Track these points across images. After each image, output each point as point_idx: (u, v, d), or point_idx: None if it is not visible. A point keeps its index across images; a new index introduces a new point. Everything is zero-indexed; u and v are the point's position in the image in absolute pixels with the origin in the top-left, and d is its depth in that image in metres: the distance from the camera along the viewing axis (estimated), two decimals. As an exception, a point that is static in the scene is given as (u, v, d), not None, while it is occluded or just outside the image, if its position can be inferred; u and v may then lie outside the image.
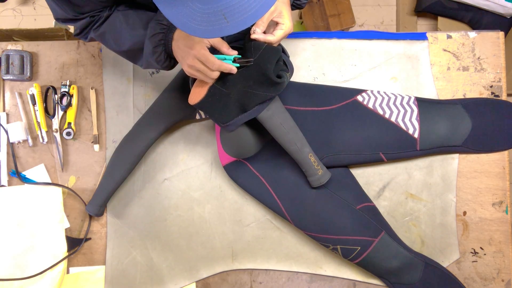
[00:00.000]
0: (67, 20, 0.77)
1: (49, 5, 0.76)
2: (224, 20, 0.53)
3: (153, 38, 0.74)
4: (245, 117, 0.79)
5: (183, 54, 0.72)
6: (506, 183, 0.96)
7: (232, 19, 0.53)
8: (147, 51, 0.75)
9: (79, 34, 0.81)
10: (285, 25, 0.75)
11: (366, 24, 1.98)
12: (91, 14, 0.77)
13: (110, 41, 0.79)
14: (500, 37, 0.99)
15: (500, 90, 0.98)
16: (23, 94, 1.02)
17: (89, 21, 0.78)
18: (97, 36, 0.80)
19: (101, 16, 0.78)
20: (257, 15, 0.54)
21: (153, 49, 0.74)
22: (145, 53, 0.76)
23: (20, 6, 2.00)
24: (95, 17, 0.78)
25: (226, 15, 0.53)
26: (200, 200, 0.99)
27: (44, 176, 1.00)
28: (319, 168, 0.87)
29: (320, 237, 0.90)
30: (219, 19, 0.53)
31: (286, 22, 0.75)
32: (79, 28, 0.79)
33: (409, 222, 0.97)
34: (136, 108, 1.01)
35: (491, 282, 0.95)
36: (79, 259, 0.99)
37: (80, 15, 0.76)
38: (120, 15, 0.77)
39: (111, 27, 0.77)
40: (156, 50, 0.74)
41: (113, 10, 0.78)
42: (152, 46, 0.74)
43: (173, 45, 0.74)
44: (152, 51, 0.75)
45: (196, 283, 0.98)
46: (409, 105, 0.94)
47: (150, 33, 0.74)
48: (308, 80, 1.00)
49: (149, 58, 0.76)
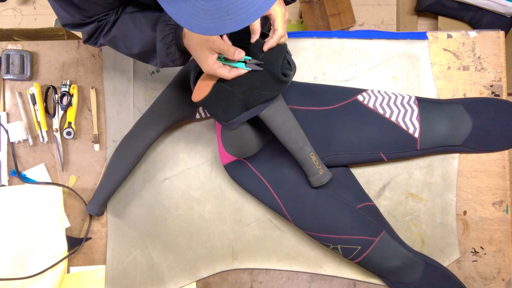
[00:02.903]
0: (74, 25, 0.77)
1: (55, 10, 0.76)
2: (227, 17, 0.53)
3: (164, 40, 0.74)
4: (248, 115, 0.79)
5: (197, 49, 0.72)
6: (506, 183, 0.96)
7: (235, 16, 0.53)
8: (161, 54, 0.76)
9: (88, 40, 0.81)
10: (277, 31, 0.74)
11: (367, 24, 1.98)
12: (98, 18, 0.77)
13: (121, 46, 0.79)
14: (501, 37, 0.99)
15: (500, 90, 0.98)
16: (23, 93, 1.02)
17: (96, 26, 0.77)
18: (107, 42, 0.80)
19: (108, 21, 0.77)
20: (261, 11, 0.54)
21: (166, 50, 0.75)
22: (159, 55, 0.76)
23: (20, 5, 2.00)
24: (102, 22, 0.77)
25: (230, 12, 0.53)
26: (200, 200, 0.99)
27: (44, 175, 1.00)
28: (320, 168, 0.87)
29: (321, 237, 0.90)
30: (222, 16, 0.53)
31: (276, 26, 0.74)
32: (87, 33, 0.79)
33: (409, 221, 0.97)
34: (136, 108, 1.01)
35: (491, 281, 0.95)
36: (80, 258, 0.99)
37: (86, 19, 0.76)
38: (128, 18, 0.77)
39: (120, 31, 0.77)
40: (170, 51, 0.75)
41: (119, 14, 0.78)
42: (164, 48, 0.74)
43: (185, 42, 0.74)
44: (166, 53, 0.75)
45: (197, 282, 0.98)
46: (410, 105, 0.94)
47: (160, 35, 0.74)
48: (308, 79, 1.00)
49: (164, 59, 0.76)
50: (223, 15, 0.53)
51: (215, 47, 0.70)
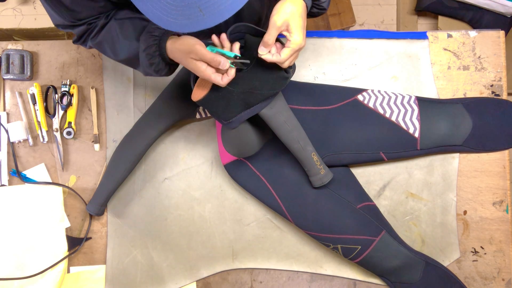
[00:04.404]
0: (65, 26, 0.77)
1: (47, 11, 0.75)
2: (200, 13, 0.52)
3: (146, 50, 0.73)
4: (248, 114, 0.79)
5: (183, 61, 0.70)
6: (506, 182, 0.96)
7: (208, 11, 0.52)
8: (143, 64, 0.75)
9: (77, 41, 0.81)
10: (292, 41, 0.69)
11: (367, 23, 1.98)
12: (89, 21, 0.76)
13: (107, 51, 0.79)
14: (501, 36, 0.99)
15: (500, 89, 0.98)
16: (23, 93, 1.02)
17: (85, 29, 0.77)
18: (95, 45, 0.79)
19: (97, 24, 0.77)
20: (234, 7, 0.53)
21: (148, 61, 0.73)
22: (142, 66, 0.75)
23: (20, 5, 2.00)
24: (92, 25, 0.77)
25: (202, 8, 0.52)
26: (200, 200, 0.99)
27: (44, 175, 1.00)
28: (321, 168, 0.87)
29: (321, 236, 0.90)
30: (194, 12, 0.52)
31: (293, 37, 0.69)
32: (77, 34, 0.79)
33: (409, 221, 0.97)
34: (136, 108, 1.01)
35: (491, 281, 0.95)
36: (80, 258, 0.99)
37: (77, 21, 0.75)
38: (116, 24, 0.76)
39: (107, 36, 0.77)
40: (153, 61, 0.73)
41: (109, 19, 0.78)
42: (147, 59, 0.73)
43: (169, 53, 0.72)
44: (149, 63, 0.74)
45: (197, 282, 0.98)
46: (410, 105, 0.94)
47: (143, 46, 0.73)
48: (308, 79, 1.00)
49: (147, 70, 0.75)
50: (195, 11, 0.52)
51: (198, 58, 0.68)
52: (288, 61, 0.71)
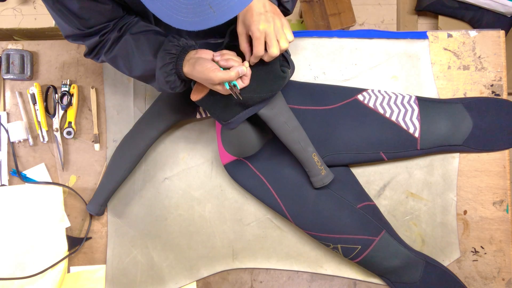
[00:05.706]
0: (76, 37, 0.76)
1: (56, 21, 0.75)
2: (210, 10, 0.52)
3: (163, 68, 0.73)
4: (247, 114, 0.80)
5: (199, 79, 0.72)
6: (506, 182, 0.96)
7: (218, 8, 0.52)
8: (159, 81, 0.75)
9: (89, 54, 0.80)
10: (252, 32, 0.70)
11: (367, 23, 1.98)
12: (100, 30, 0.76)
13: (122, 66, 0.79)
14: (501, 36, 0.99)
15: (500, 89, 0.98)
16: (23, 93, 1.02)
17: (97, 41, 0.77)
18: (108, 60, 0.79)
19: (109, 38, 0.77)
20: (244, 2, 0.53)
21: (165, 79, 0.74)
22: (158, 83, 0.76)
23: (20, 5, 2.00)
24: (105, 37, 0.77)
25: (212, 4, 0.52)
26: (200, 199, 0.99)
27: (44, 175, 1.00)
28: (322, 168, 0.87)
29: (321, 236, 0.90)
30: (204, 10, 0.52)
31: (252, 29, 0.70)
32: (88, 47, 0.78)
33: (409, 221, 0.97)
34: (136, 107, 1.01)
35: (491, 281, 0.95)
36: (80, 258, 0.99)
37: (87, 30, 0.75)
38: (131, 39, 0.76)
39: (123, 52, 0.77)
40: (169, 79, 0.74)
41: (122, 32, 0.77)
42: (163, 77, 0.74)
43: (186, 71, 0.73)
44: (165, 81, 0.74)
45: (197, 282, 0.98)
46: (410, 104, 0.94)
47: (160, 63, 0.73)
48: (308, 79, 1.00)
49: (163, 87, 0.76)
50: (206, 8, 0.52)
51: (216, 83, 0.70)
52: (260, 48, 0.71)
